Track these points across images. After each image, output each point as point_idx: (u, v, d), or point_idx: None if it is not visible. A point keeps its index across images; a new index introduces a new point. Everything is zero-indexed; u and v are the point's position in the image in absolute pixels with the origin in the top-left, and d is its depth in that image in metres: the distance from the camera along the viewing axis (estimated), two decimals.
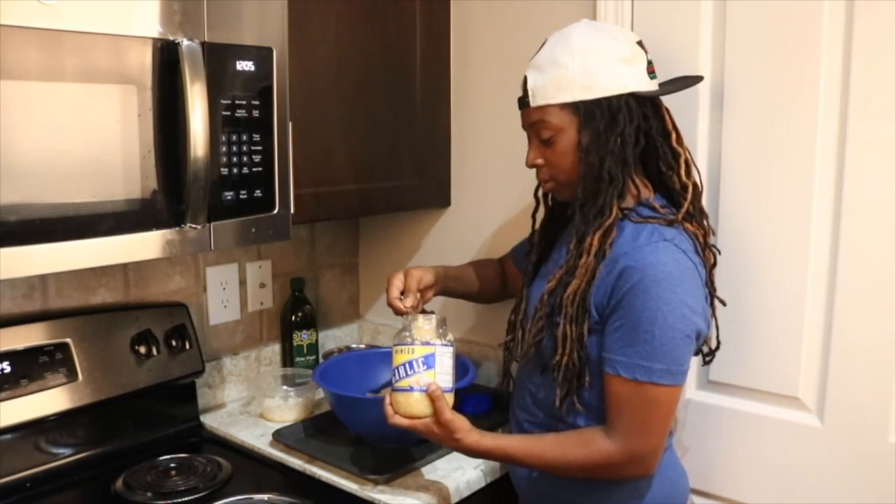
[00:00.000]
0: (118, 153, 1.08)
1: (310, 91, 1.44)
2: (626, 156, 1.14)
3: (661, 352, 1.08)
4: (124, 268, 1.54)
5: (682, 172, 1.18)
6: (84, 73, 1.04)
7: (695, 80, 1.28)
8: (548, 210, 1.34)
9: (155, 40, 1.10)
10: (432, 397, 1.16)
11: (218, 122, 1.17)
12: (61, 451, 1.39)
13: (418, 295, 1.33)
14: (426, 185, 1.75)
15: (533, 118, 1.19)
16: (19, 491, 1.32)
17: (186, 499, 1.30)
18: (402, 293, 1.32)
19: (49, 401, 1.34)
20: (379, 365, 1.57)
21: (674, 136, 1.19)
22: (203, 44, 1.14)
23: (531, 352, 1.23)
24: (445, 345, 1.20)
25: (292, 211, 1.32)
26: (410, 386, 1.18)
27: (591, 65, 1.13)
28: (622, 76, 1.14)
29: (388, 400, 1.21)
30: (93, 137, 1.06)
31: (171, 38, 1.11)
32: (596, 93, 1.13)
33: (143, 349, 1.48)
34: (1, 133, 0.97)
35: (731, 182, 1.36)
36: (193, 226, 1.16)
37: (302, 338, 1.81)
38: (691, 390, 1.44)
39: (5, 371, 1.30)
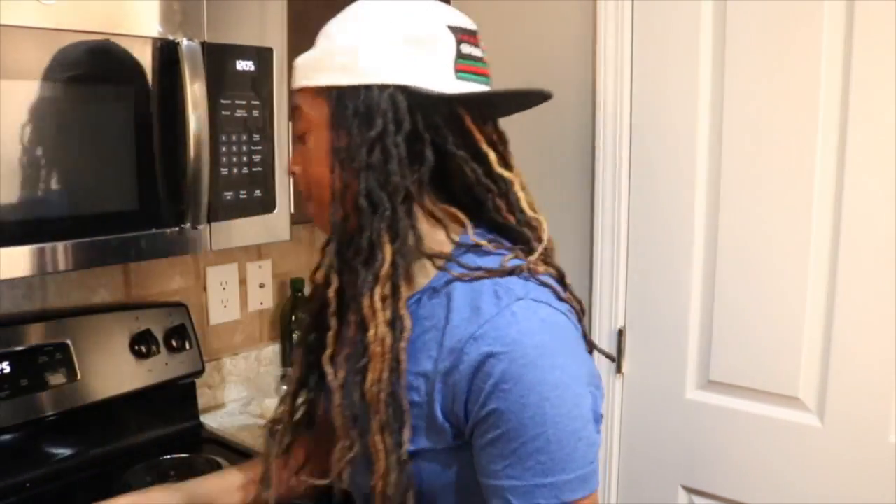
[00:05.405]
0: (118, 153, 1.08)
1: None
2: (389, 174, 0.77)
3: (563, 458, 0.74)
4: (124, 268, 1.54)
5: (525, 206, 0.85)
6: (84, 72, 1.04)
7: (533, 96, 0.84)
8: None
9: (155, 40, 1.10)
10: None
11: (218, 122, 1.17)
12: (61, 451, 1.39)
13: None
14: None
15: (291, 103, 0.91)
16: (19, 491, 1.32)
17: None
18: None
19: (49, 401, 1.34)
20: None
21: (492, 157, 0.82)
22: (203, 44, 1.14)
23: (344, 475, 0.84)
24: None
25: (292, 211, 1.32)
26: None
27: (359, 38, 0.79)
28: (395, 59, 0.77)
29: None
30: (92, 137, 1.06)
31: (171, 38, 1.11)
32: (354, 76, 0.78)
33: (142, 349, 1.48)
34: (1, 133, 0.97)
35: (731, 182, 1.36)
36: (193, 226, 1.16)
37: None
38: (691, 390, 1.44)
39: (5, 371, 1.30)
